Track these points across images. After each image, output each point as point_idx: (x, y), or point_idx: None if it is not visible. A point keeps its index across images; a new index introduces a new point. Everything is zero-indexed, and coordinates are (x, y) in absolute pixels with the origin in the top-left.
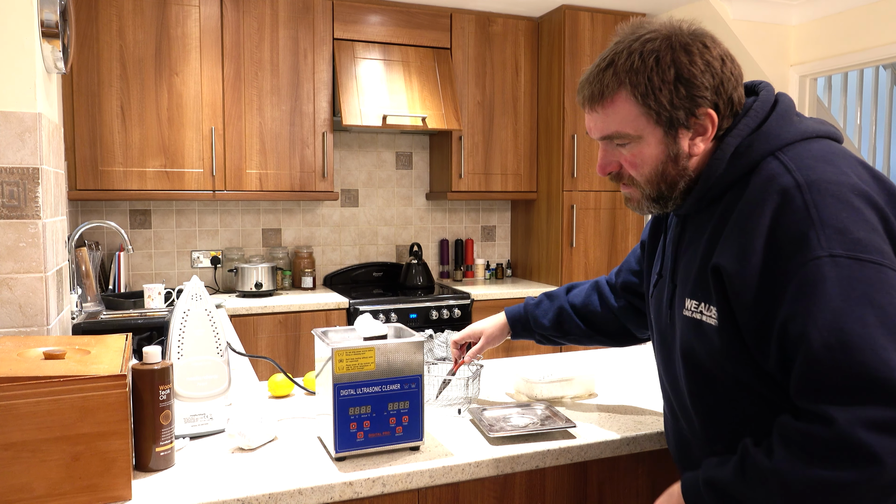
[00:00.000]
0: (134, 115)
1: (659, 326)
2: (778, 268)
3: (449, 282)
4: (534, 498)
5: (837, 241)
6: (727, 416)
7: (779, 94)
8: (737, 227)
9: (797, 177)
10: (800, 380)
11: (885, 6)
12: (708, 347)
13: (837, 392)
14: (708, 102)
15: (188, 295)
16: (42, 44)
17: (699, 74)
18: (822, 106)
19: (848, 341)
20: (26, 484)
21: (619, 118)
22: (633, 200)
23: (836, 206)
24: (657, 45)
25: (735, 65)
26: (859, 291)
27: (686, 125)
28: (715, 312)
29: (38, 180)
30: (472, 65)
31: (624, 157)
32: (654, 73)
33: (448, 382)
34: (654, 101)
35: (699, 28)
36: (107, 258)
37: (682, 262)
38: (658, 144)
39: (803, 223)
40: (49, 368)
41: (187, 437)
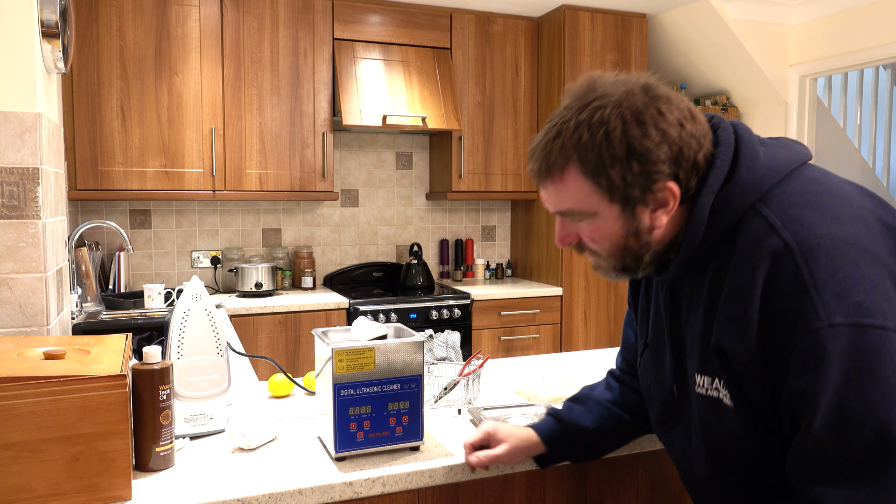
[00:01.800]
0: (134, 115)
1: (662, 400)
2: (777, 341)
3: (449, 282)
4: (534, 498)
5: (836, 307)
6: (749, 496)
7: (736, 127)
8: (730, 300)
9: (785, 236)
10: (796, 457)
11: (885, 6)
12: (729, 430)
13: (835, 472)
14: (665, 176)
15: (188, 295)
16: (42, 44)
17: (654, 148)
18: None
19: (848, 419)
20: (26, 484)
21: (571, 195)
22: (600, 269)
23: (831, 265)
24: (607, 114)
25: (696, 123)
26: (861, 363)
27: (643, 201)
28: (728, 392)
29: (38, 180)
30: (472, 65)
31: (583, 230)
32: (603, 149)
33: (448, 390)
34: (606, 178)
35: (654, 87)
36: (107, 258)
37: (680, 331)
38: (615, 220)
39: (798, 291)
40: (49, 368)
41: (187, 437)
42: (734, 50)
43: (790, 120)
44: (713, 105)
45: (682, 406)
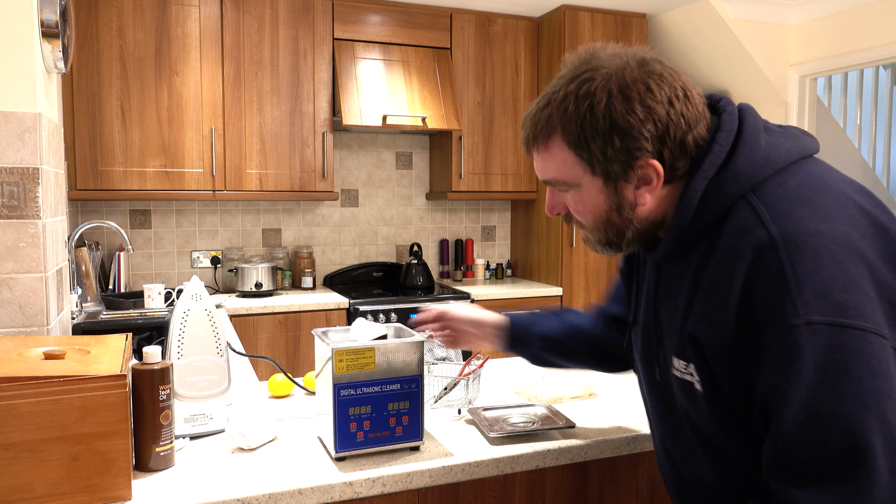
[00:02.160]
0: (134, 115)
1: (647, 374)
2: (752, 336)
3: (449, 282)
4: (534, 498)
5: (815, 305)
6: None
7: (742, 111)
8: (709, 289)
9: (771, 230)
10: (769, 457)
11: (885, 6)
12: (700, 415)
13: (807, 473)
14: (648, 153)
15: (188, 295)
16: (42, 44)
17: (637, 124)
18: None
19: (819, 419)
20: (26, 484)
21: (556, 165)
22: (588, 242)
23: (815, 263)
24: (594, 87)
25: (690, 103)
26: (836, 363)
27: (625, 177)
28: (699, 378)
29: (38, 180)
30: (472, 65)
31: (568, 201)
32: (586, 122)
33: (448, 390)
34: (587, 151)
35: (650, 62)
36: (107, 258)
37: (662, 313)
38: (598, 193)
39: (778, 286)
40: (49, 368)
41: (187, 437)
42: (734, 50)
43: (790, 120)
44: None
45: (665, 385)
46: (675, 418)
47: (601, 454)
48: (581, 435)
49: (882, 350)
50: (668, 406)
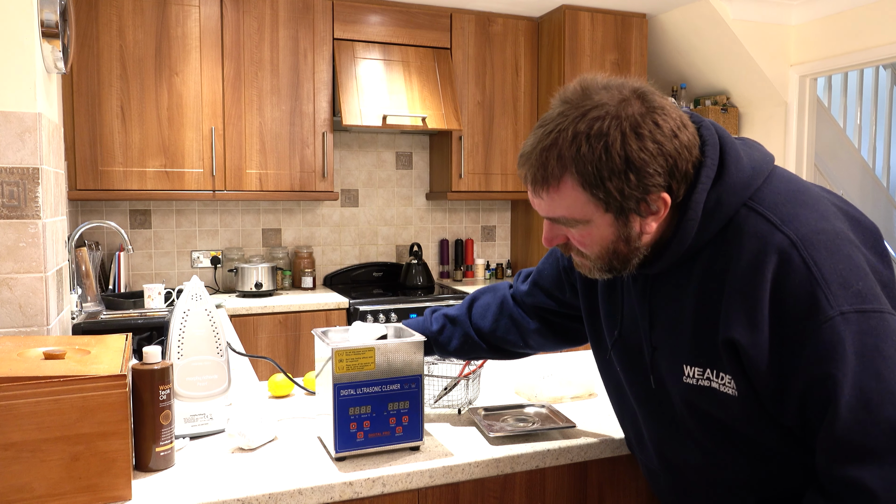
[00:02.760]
0: (134, 115)
1: (636, 386)
2: (790, 332)
3: (449, 282)
4: (534, 498)
5: (843, 296)
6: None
7: (716, 127)
8: (738, 294)
9: (788, 233)
10: (828, 443)
11: (885, 6)
12: (727, 413)
13: (866, 452)
14: (661, 188)
15: (188, 295)
16: (42, 44)
17: (650, 160)
18: (822, 106)
19: (868, 399)
20: (26, 484)
21: (566, 204)
22: (584, 268)
23: (832, 259)
24: (605, 126)
25: (688, 130)
26: (869, 346)
27: (637, 211)
28: (732, 382)
29: (38, 180)
30: (472, 65)
31: (572, 235)
32: (602, 163)
33: (448, 390)
34: (603, 191)
35: (649, 95)
36: (107, 258)
37: (660, 324)
38: (608, 227)
39: (808, 283)
40: (49, 368)
41: (187, 437)
42: (734, 50)
43: (790, 120)
44: (713, 105)
45: (662, 393)
46: (674, 424)
47: (601, 454)
48: (581, 435)
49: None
50: (666, 412)
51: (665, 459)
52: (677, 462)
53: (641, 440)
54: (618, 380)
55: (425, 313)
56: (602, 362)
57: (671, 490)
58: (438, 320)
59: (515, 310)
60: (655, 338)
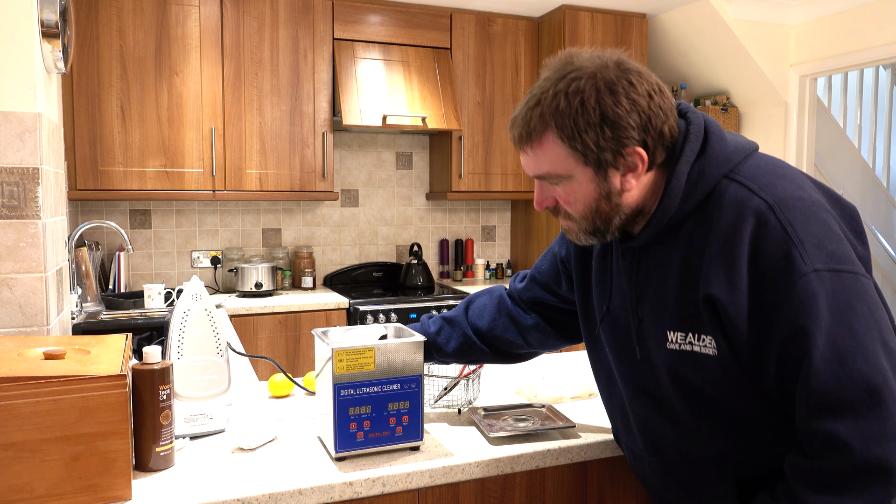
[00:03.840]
0: (134, 115)
1: (623, 362)
2: (767, 290)
3: (449, 282)
4: (534, 498)
5: (817, 256)
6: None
7: (700, 113)
8: (718, 254)
9: (765, 197)
10: (804, 397)
11: (885, 6)
12: (707, 376)
13: (841, 405)
14: (635, 141)
15: (188, 295)
16: (42, 44)
17: (625, 115)
18: (822, 106)
19: (843, 353)
20: (26, 484)
21: (549, 159)
22: (570, 232)
23: (807, 222)
24: (582, 84)
25: (664, 97)
26: (843, 303)
27: (614, 165)
28: (712, 342)
29: (38, 180)
30: (472, 65)
31: (558, 193)
32: (579, 116)
33: (448, 390)
34: (581, 143)
35: (627, 62)
36: (107, 258)
37: (646, 295)
38: (589, 183)
39: (784, 243)
40: (49, 368)
41: (187, 437)
42: (734, 50)
43: (790, 120)
44: (713, 105)
45: (647, 364)
46: (658, 400)
47: (601, 454)
48: (581, 435)
49: (870, 288)
50: (651, 387)
51: (649, 439)
52: (660, 441)
53: (628, 424)
54: (607, 364)
55: (422, 319)
56: (593, 350)
57: (655, 474)
58: (436, 322)
59: (513, 308)
60: (642, 310)
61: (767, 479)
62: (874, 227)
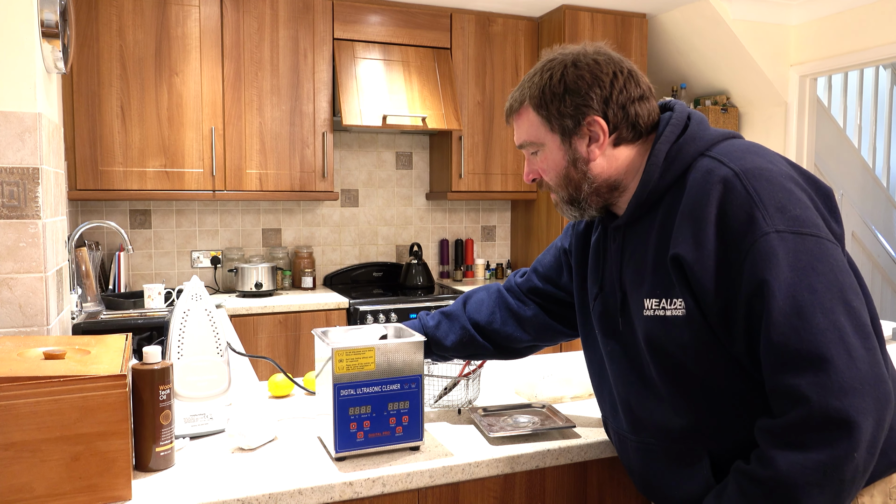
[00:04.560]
0: (134, 115)
1: (609, 338)
2: (731, 249)
3: (449, 282)
4: (534, 498)
5: (779, 218)
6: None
7: (688, 108)
8: (686, 218)
9: (732, 166)
10: (767, 351)
11: (885, 6)
12: (678, 340)
13: (801, 358)
14: (594, 111)
15: (188, 295)
16: (42, 44)
17: (585, 87)
18: (822, 106)
19: (801, 307)
20: (26, 484)
21: (526, 128)
22: (558, 205)
23: (771, 188)
24: (555, 63)
25: (632, 81)
26: (804, 262)
27: (577, 133)
28: (681, 303)
29: (38, 180)
30: (472, 65)
31: (538, 164)
32: (546, 87)
33: (448, 390)
34: (546, 110)
35: (604, 50)
36: (107, 258)
37: (628, 268)
38: (557, 150)
39: (747, 205)
40: (49, 368)
41: (187, 437)
42: (734, 50)
43: (790, 120)
44: (713, 105)
45: (628, 334)
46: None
47: (601, 454)
48: (581, 435)
49: (836, 252)
50: (634, 361)
51: (631, 417)
52: (642, 418)
53: (615, 406)
54: (598, 349)
55: (419, 315)
56: (586, 338)
57: (636, 453)
58: (434, 317)
59: (512, 300)
60: (624, 284)
61: (741, 452)
62: (874, 227)
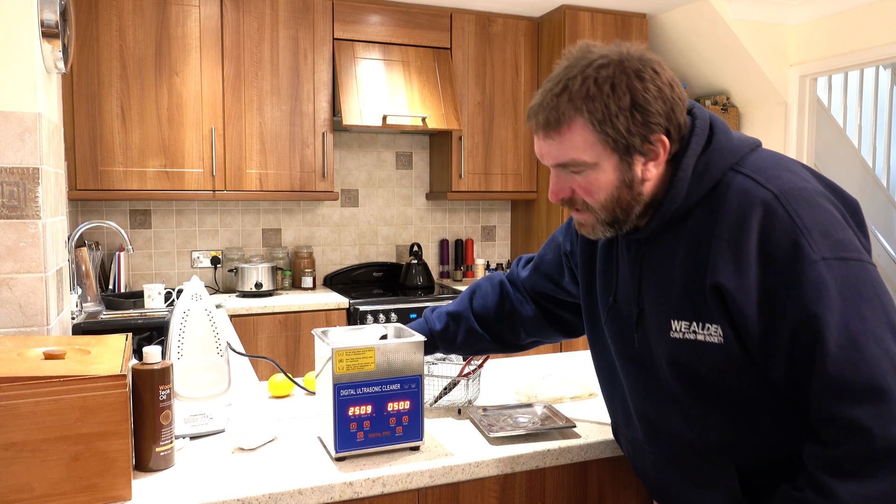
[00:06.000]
0: (134, 115)
1: (624, 352)
2: (775, 277)
3: (449, 282)
4: (534, 498)
5: (824, 244)
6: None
7: (705, 110)
8: (725, 243)
9: (770, 188)
10: (820, 384)
11: (885, 6)
12: (711, 364)
13: (859, 390)
14: (661, 129)
15: (188, 295)
16: (42, 44)
17: (653, 101)
18: (822, 106)
19: (855, 338)
20: (26, 484)
21: (576, 145)
22: (586, 226)
23: (812, 211)
24: (611, 71)
25: (681, 89)
26: (851, 290)
27: (641, 151)
28: (717, 330)
29: (38, 180)
30: (472, 65)
31: (578, 183)
32: (610, 100)
33: (448, 390)
34: (612, 127)
35: (647, 53)
36: (107, 258)
37: (649, 284)
38: (613, 171)
39: (791, 231)
40: (49, 368)
41: (187, 437)
42: (734, 50)
43: (790, 120)
44: (713, 105)
45: (645, 357)
46: (659, 390)
47: (601, 454)
48: (581, 435)
49: (876, 273)
50: (652, 377)
51: (650, 429)
52: (661, 430)
53: (629, 415)
54: (609, 356)
55: (424, 313)
56: (595, 343)
57: (655, 465)
58: (441, 319)
59: (514, 295)
60: (642, 299)
61: (768, 467)
62: (874, 227)
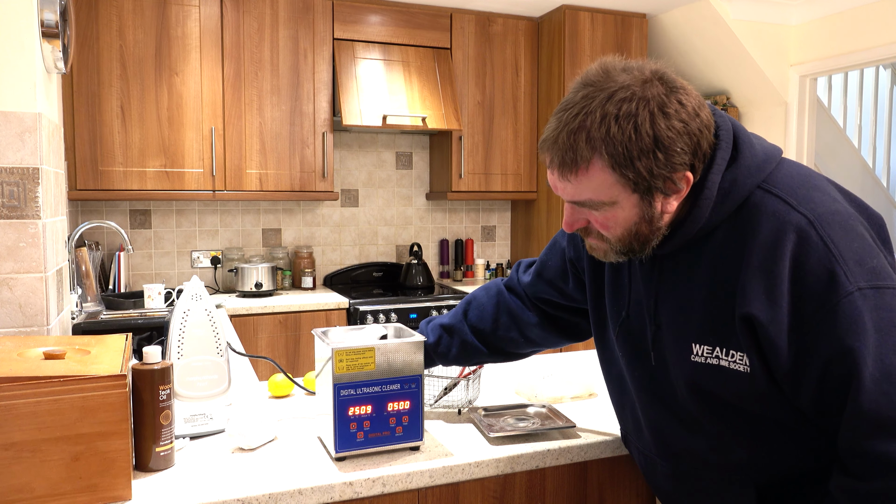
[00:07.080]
0: (134, 115)
1: (638, 368)
2: (808, 306)
3: (449, 282)
4: (534, 498)
5: (860, 273)
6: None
7: (726, 115)
8: (756, 272)
9: (804, 212)
10: (854, 417)
11: (885, 6)
12: (734, 390)
13: (893, 425)
14: (685, 166)
15: (188, 295)
16: (42, 44)
17: (677, 139)
18: (822, 106)
19: (890, 371)
20: (26, 484)
21: (594, 186)
22: (597, 251)
23: (847, 238)
24: (633, 107)
25: (706, 111)
26: (886, 320)
27: (663, 190)
28: (743, 358)
29: (38, 180)
30: (472, 65)
31: (595, 217)
32: (632, 143)
33: (449, 390)
34: (633, 170)
35: (670, 76)
36: (107, 258)
37: (667, 303)
38: (633, 208)
39: (826, 260)
40: (49, 368)
41: (187, 437)
42: (734, 50)
43: (790, 120)
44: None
45: (661, 375)
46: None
47: (601, 454)
48: (581, 435)
49: None
50: (667, 395)
51: (664, 445)
52: (677, 447)
53: (640, 428)
54: (619, 368)
55: (420, 325)
56: (604, 351)
57: (668, 478)
58: (434, 331)
59: (514, 303)
60: (660, 317)
61: (786, 486)
62: None
